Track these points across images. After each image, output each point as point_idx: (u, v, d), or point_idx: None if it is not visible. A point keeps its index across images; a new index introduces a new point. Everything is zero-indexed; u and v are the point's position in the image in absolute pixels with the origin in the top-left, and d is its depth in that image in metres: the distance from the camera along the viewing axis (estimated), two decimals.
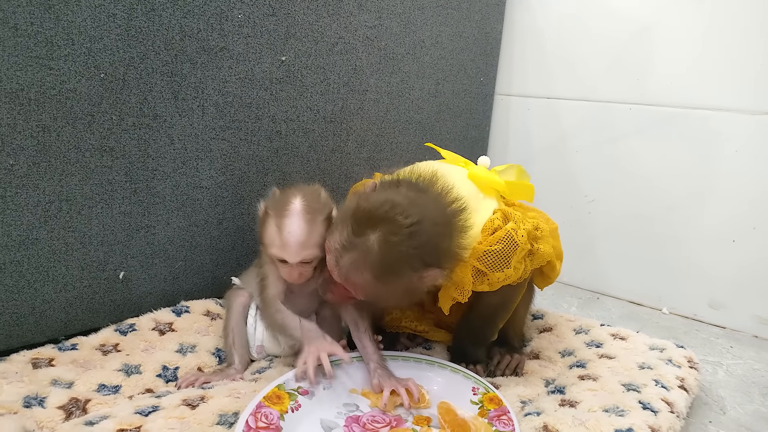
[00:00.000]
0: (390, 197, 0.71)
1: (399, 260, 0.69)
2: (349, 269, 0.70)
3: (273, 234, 0.77)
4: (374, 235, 0.68)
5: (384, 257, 0.68)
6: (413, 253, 0.69)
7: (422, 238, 0.69)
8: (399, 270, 0.70)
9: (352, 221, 0.70)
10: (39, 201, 0.77)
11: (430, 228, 0.70)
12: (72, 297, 0.83)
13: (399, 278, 0.71)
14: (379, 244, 0.68)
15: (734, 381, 0.98)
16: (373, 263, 0.69)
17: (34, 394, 0.69)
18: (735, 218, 1.19)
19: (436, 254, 0.71)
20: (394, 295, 0.74)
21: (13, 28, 0.70)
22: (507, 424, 0.69)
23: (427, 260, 0.70)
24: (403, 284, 0.72)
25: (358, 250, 0.69)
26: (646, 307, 1.33)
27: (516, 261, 0.76)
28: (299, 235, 0.75)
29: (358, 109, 1.17)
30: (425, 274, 0.71)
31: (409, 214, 0.69)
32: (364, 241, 0.69)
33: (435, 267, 0.71)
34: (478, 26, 1.40)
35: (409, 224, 0.68)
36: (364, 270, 0.69)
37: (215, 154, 0.95)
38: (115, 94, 0.81)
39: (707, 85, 1.20)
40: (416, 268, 0.70)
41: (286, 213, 0.76)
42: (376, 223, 0.69)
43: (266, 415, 0.67)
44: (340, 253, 0.70)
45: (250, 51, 0.95)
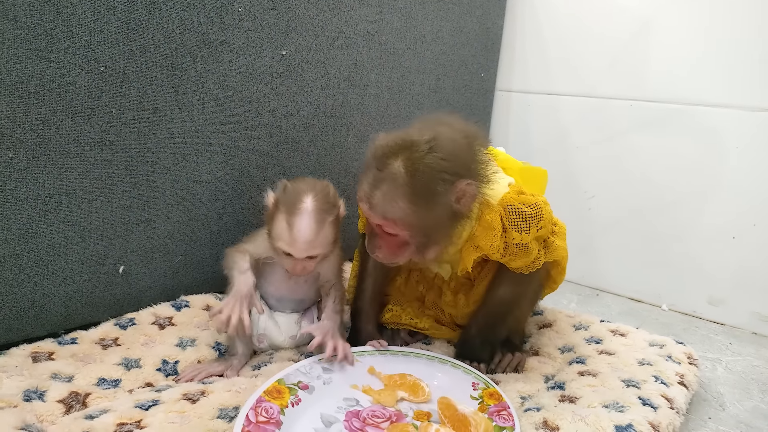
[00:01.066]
0: (402, 130, 0.72)
1: (428, 176, 0.68)
2: (383, 205, 0.70)
3: (282, 229, 0.77)
4: (397, 162, 0.68)
5: (413, 178, 0.68)
6: (440, 164, 0.68)
7: (445, 149, 0.69)
8: (432, 187, 0.69)
9: (373, 161, 0.71)
10: (38, 194, 0.77)
11: (448, 142, 0.70)
12: (72, 291, 0.83)
13: (434, 197, 0.70)
14: (404, 167, 0.68)
15: (733, 377, 0.98)
16: (404, 188, 0.68)
17: (34, 388, 0.69)
18: (735, 215, 1.19)
19: (463, 164, 0.71)
20: (436, 220, 0.72)
21: (13, 20, 0.70)
22: (507, 419, 0.69)
23: (455, 170, 0.69)
24: (441, 205, 0.70)
25: (386, 182, 0.69)
26: (646, 303, 1.33)
27: (534, 233, 0.76)
28: (309, 234, 0.76)
29: (359, 104, 1.16)
30: (459, 188, 0.70)
31: (424, 132, 0.69)
32: (389, 171, 0.69)
33: (466, 177, 0.70)
34: (479, 22, 1.40)
35: (427, 140, 0.68)
36: (398, 199, 0.69)
37: (215, 148, 0.95)
38: (114, 88, 0.81)
39: (708, 81, 1.20)
40: (448, 181, 0.69)
41: (297, 211, 0.76)
42: (396, 151, 0.69)
43: (266, 410, 0.67)
44: (371, 193, 0.70)
45: (251, 45, 0.95)
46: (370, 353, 0.83)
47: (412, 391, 0.76)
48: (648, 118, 1.28)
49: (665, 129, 1.26)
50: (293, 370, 0.76)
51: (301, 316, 0.90)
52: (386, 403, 0.74)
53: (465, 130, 0.75)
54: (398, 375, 0.79)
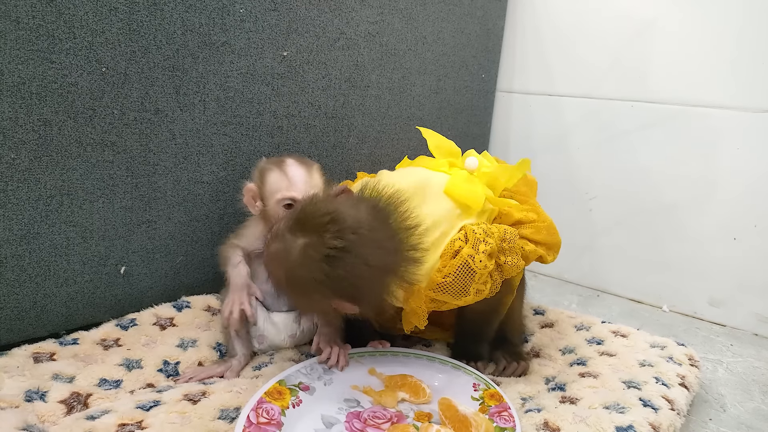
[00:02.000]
0: (340, 212, 0.66)
1: (308, 279, 0.65)
2: (271, 258, 0.72)
3: (278, 179, 0.82)
4: (300, 242, 0.66)
5: (298, 267, 0.66)
6: (323, 279, 0.64)
7: (340, 271, 0.64)
8: (306, 287, 0.67)
9: (295, 216, 0.69)
10: (40, 195, 0.77)
11: (356, 264, 0.64)
12: (73, 291, 0.83)
13: (307, 294, 0.69)
14: (299, 253, 0.66)
15: (734, 379, 0.98)
16: (287, 267, 0.67)
17: (36, 388, 0.69)
18: (736, 216, 1.19)
19: (352, 290, 0.66)
20: (304, 307, 0.77)
21: (15, 21, 0.70)
22: (508, 420, 0.69)
23: (338, 292, 0.66)
24: (311, 301, 0.71)
25: (283, 246, 0.68)
26: (647, 304, 1.33)
27: (478, 285, 0.74)
28: (304, 173, 0.82)
29: (360, 105, 1.17)
30: (335, 303, 0.68)
31: (342, 238, 0.64)
32: (291, 241, 0.67)
33: (346, 301, 0.68)
34: (480, 23, 1.40)
35: (333, 246, 0.64)
36: (280, 268, 0.69)
37: (216, 149, 0.95)
38: (116, 89, 0.81)
39: (709, 82, 1.20)
40: (324, 294, 0.67)
41: (285, 162, 0.83)
42: (308, 228, 0.66)
43: (267, 411, 0.67)
44: (272, 240, 0.72)
45: (252, 46, 0.95)
46: (370, 354, 0.83)
47: (413, 392, 0.76)
48: (649, 120, 1.28)
49: (666, 130, 1.26)
50: (294, 371, 0.76)
51: (300, 316, 0.90)
52: (387, 404, 0.74)
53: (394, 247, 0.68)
54: (399, 376, 0.79)
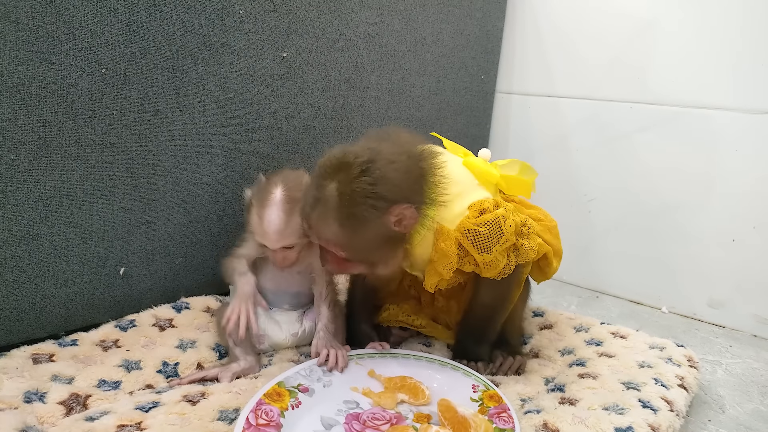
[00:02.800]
0: (346, 148, 0.71)
1: (357, 201, 0.68)
2: (318, 226, 0.71)
3: (255, 223, 0.80)
4: (331, 185, 0.69)
5: (342, 202, 0.68)
6: (370, 189, 0.68)
7: (376, 174, 0.68)
8: (361, 212, 0.68)
9: (314, 178, 0.71)
10: (40, 196, 0.77)
11: (385, 164, 0.69)
12: (72, 293, 0.83)
13: (366, 222, 0.69)
14: (336, 191, 0.68)
15: (733, 380, 0.98)
16: (335, 212, 0.68)
17: (35, 390, 0.69)
18: (735, 217, 1.19)
19: (398, 189, 0.70)
20: (371, 244, 0.72)
21: (15, 22, 0.70)
22: (507, 421, 0.69)
23: (388, 196, 0.69)
24: (374, 229, 0.70)
25: (320, 204, 0.69)
26: (646, 306, 1.33)
27: (498, 251, 0.75)
28: (278, 224, 0.79)
29: (359, 106, 1.17)
30: (395, 213, 0.70)
31: (360, 155, 0.69)
32: (324, 194, 0.69)
33: (401, 202, 0.69)
34: (479, 24, 1.40)
35: (361, 163, 0.68)
36: (331, 222, 0.69)
37: (216, 150, 0.95)
38: (116, 90, 0.81)
39: (708, 84, 1.20)
40: (379, 207, 0.69)
41: (266, 203, 0.79)
42: (332, 173, 0.69)
43: (266, 412, 0.67)
44: (309, 213, 0.71)
45: (252, 47, 0.95)
46: (370, 355, 0.83)
47: (412, 393, 0.76)
48: (648, 121, 1.28)
49: (665, 132, 1.26)
50: (293, 373, 0.76)
51: (303, 314, 0.90)
52: (386, 405, 0.74)
53: (410, 149, 0.74)
54: (398, 377, 0.79)
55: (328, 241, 0.72)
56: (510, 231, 0.75)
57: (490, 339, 0.88)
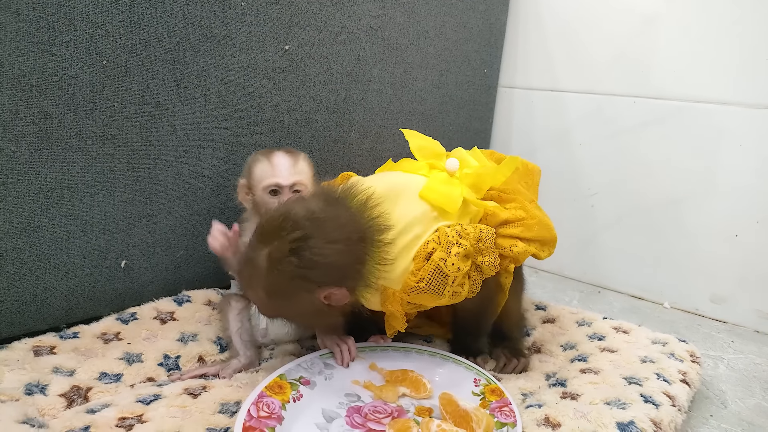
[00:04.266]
0: (291, 209, 0.67)
1: (284, 278, 0.65)
2: (247, 285, 0.70)
3: (264, 166, 0.85)
4: (263, 251, 0.66)
5: (269, 275, 0.65)
6: (297, 271, 0.65)
7: (306, 257, 0.64)
8: (287, 289, 0.66)
9: (255, 234, 0.68)
10: (40, 188, 0.77)
11: (321, 244, 0.65)
12: (73, 285, 0.83)
13: (291, 297, 0.68)
14: (266, 260, 0.65)
15: (735, 375, 0.98)
16: (262, 281, 0.67)
17: (36, 382, 0.69)
18: (738, 212, 1.19)
19: (328, 274, 0.66)
20: (299, 313, 0.72)
21: (15, 13, 0.70)
22: (509, 415, 0.69)
23: (316, 280, 0.66)
24: (300, 304, 0.69)
25: (251, 266, 0.67)
26: (648, 301, 1.33)
27: (453, 288, 0.72)
28: (288, 160, 0.85)
29: (361, 99, 1.16)
30: (324, 294, 0.68)
31: (299, 228, 0.65)
32: (256, 257, 0.66)
33: (333, 286, 0.67)
34: (482, 17, 1.39)
35: (294, 239, 0.64)
36: (257, 287, 0.68)
37: (217, 143, 0.95)
38: (117, 82, 0.80)
39: (712, 78, 1.19)
40: (307, 288, 0.67)
41: (273, 152, 0.86)
42: (268, 238, 0.66)
43: (268, 405, 0.67)
44: (242, 268, 0.70)
45: (253, 39, 0.94)
46: (371, 349, 0.83)
47: (414, 386, 0.76)
48: (651, 115, 1.27)
49: (669, 126, 1.25)
50: (294, 366, 0.76)
51: None
52: (388, 398, 0.74)
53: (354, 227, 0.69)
54: (400, 371, 0.79)
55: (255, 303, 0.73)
56: (454, 268, 0.71)
57: (485, 333, 0.88)
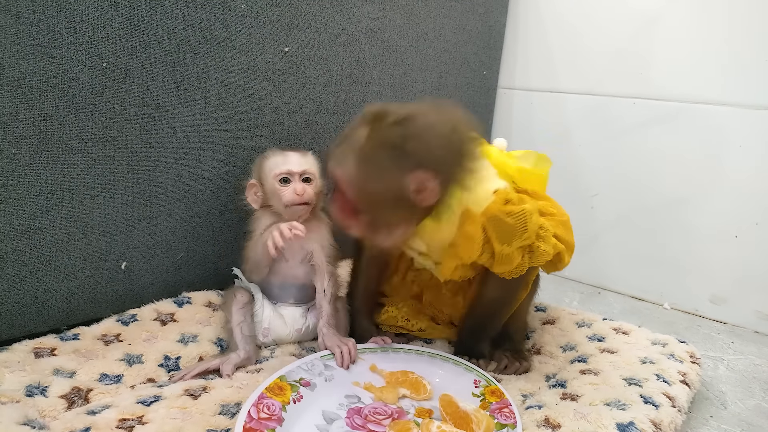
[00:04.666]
0: (392, 103, 0.72)
1: (381, 147, 0.67)
2: (338, 160, 0.71)
3: (276, 158, 0.87)
4: (363, 129, 0.69)
5: (367, 144, 0.68)
6: (398, 141, 0.66)
7: (410, 130, 0.67)
8: (381, 159, 0.67)
9: (353, 122, 0.72)
10: (41, 190, 0.77)
11: (423, 125, 0.67)
12: (74, 287, 0.83)
13: (382, 172, 0.68)
14: (367, 134, 0.68)
15: (735, 376, 0.98)
16: (357, 151, 0.68)
17: (36, 384, 0.69)
18: (737, 213, 1.19)
19: (427, 154, 0.67)
20: (381, 199, 0.70)
21: (15, 16, 0.70)
22: (509, 416, 0.69)
23: (414, 156, 0.67)
24: (389, 185, 0.68)
25: (346, 142, 0.70)
26: (648, 302, 1.33)
27: (516, 245, 0.74)
28: (298, 152, 0.88)
29: (361, 101, 1.16)
30: (416, 179, 0.67)
31: (402, 109, 0.69)
32: (353, 134, 0.70)
33: (424, 168, 0.67)
34: (481, 19, 1.40)
35: (400, 115, 0.68)
36: (350, 159, 0.69)
37: (217, 145, 0.95)
38: (117, 84, 0.81)
39: (711, 79, 1.19)
40: (401, 165, 0.67)
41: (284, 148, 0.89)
42: (368, 120, 0.70)
43: (268, 406, 0.67)
44: (335, 146, 0.72)
45: (253, 41, 0.95)
46: (372, 350, 0.83)
47: (414, 388, 0.76)
48: (651, 116, 1.27)
49: (668, 127, 1.25)
50: (295, 367, 0.76)
51: (307, 310, 0.90)
52: (388, 400, 0.74)
53: (457, 126, 0.71)
54: (400, 372, 0.79)
55: (342, 179, 0.71)
56: (533, 228, 0.74)
57: (493, 333, 0.88)
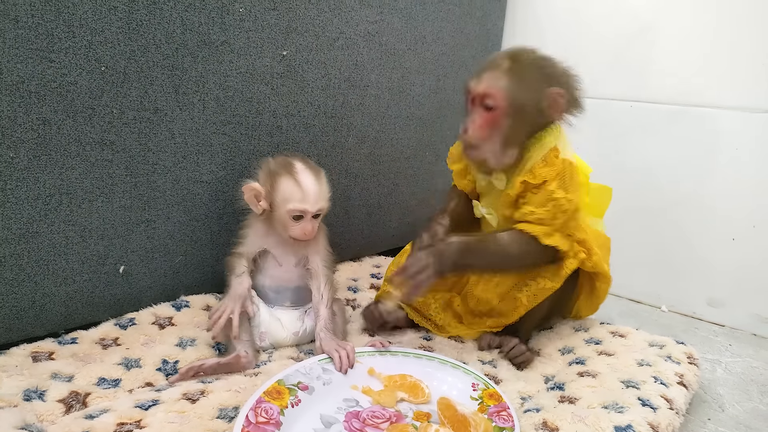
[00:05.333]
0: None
1: (528, 68, 0.84)
2: (489, 80, 0.83)
3: (291, 189, 0.83)
4: (507, 60, 0.84)
5: (516, 64, 0.83)
6: (541, 64, 0.84)
7: (546, 61, 0.85)
8: (530, 73, 0.83)
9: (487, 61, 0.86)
10: (39, 194, 0.77)
11: (554, 62, 0.85)
12: (72, 291, 0.83)
13: (529, 87, 0.83)
14: (510, 61, 0.84)
15: (733, 379, 0.98)
16: (507, 71, 0.83)
17: (34, 388, 0.69)
18: (735, 216, 1.19)
19: (558, 76, 0.84)
20: (527, 112, 0.83)
21: (14, 20, 0.70)
22: (507, 420, 0.69)
23: (552, 77, 0.83)
24: (533, 98, 0.82)
25: (494, 67, 0.84)
26: (646, 304, 1.33)
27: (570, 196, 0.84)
28: (315, 182, 0.84)
29: (359, 104, 1.16)
30: (552, 93, 0.82)
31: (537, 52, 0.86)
32: (499, 62, 0.84)
33: (559, 86, 0.82)
34: (479, 23, 1.40)
35: (532, 50, 0.86)
36: (501, 77, 0.82)
37: (216, 148, 0.95)
38: (115, 88, 0.81)
39: (709, 82, 1.20)
40: (542, 79, 0.83)
41: (297, 170, 0.84)
42: (508, 56, 0.85)
43: (266, 410, 0.67)
44: (481, 73, 0.84)
45: (252, 45, 0.95)
46: (370, 354, 0.83)
47: (412, 391, 0.76)
48: (649, 120, 1.28)
49: (666, 130, 1.26)
50: (293, 371, 0.76)
51: (304, 313, 0.90)
52: (386, 403, 0.74)
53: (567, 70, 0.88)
54: (398, 375, 0.79)
55: (495, 92, 0.82)
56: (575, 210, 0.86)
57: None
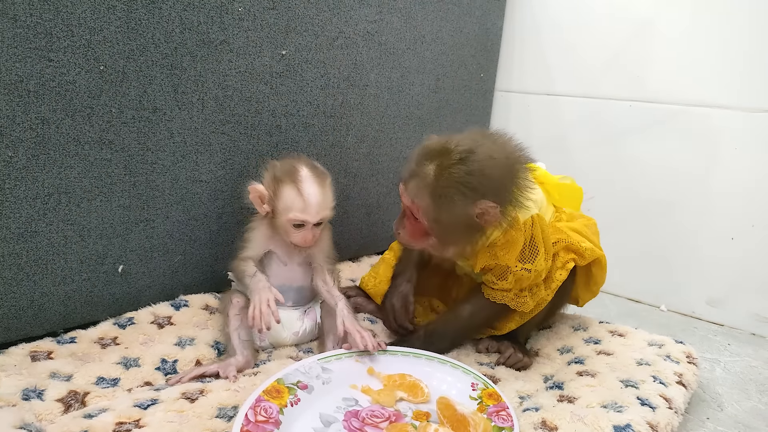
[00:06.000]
0: (451, 137, 0.80)
1: (450, 185, 0.76)
2: (413, 193, 0.80)
3: (293, 198, 0.82)
4: (431, 165, 0.78)
5: (437, 181, 0.77)
6: (464, 179, 0.76)
7: (473, 166, 0.76)
8: (451, 194, 0.76)
9: (417, 155, 0.80)
10: (38, 193, 0.77)
11: (483, 159, 0.77)
12: (71, 290, 0.83)
13: (453, 204, 0.77)
14: (434, 171, 0.77)
15: (732, 378, 0.99)
16: (429, 187, 0.77)
17: (33, 387, 0.69)
18: (734, 216, 1.19)
19: (489, 185, 0.77)
20: (452, 225, 0.79)
21: (13, 19, 0.70)
22: (506, 419, 0.69)
23: (478, 189, 0.76)
24: (459, 213, 0.77)
25: (419, 177, 0.78)
26: (645, 304, 1.33)
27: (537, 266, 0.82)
28: (319, 195, 0.83)
29: (358, 104, 1.16)
30: (480, 206, 0.76)
31: (463, 145, 0.77)
32: (422, 170, 0.78)
33: (488, 199, 0.76)
34: (478, 22, 1.40)
35: (461, 152, 0.76)
36: (424, 194, 0.78)
37: (215, 148, 0.95)
38: (114, 87, 0.81)
39: (707, 82, 1.20)
40: (468, 196, 0.76)
41: (301, 178, 0.83)
42: (433, 155, 0.78)
43: (265, 409, 0.67)
44: (407, 181, 0.81)
45: (250, 44, 0.95)
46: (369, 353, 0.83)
47: (411, 391, 0.76)
48: (647, 119, 1.28)
49: (664, 130, 1.26)
50: (292, 370, 0.76)
51: (304, 314, 0.90)
52: (385, 403, 0.74)
53: (509, 151, 0.81)
54: (397, 375, 0.79)
55: (418, 210, 0.80)
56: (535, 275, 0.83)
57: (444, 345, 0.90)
